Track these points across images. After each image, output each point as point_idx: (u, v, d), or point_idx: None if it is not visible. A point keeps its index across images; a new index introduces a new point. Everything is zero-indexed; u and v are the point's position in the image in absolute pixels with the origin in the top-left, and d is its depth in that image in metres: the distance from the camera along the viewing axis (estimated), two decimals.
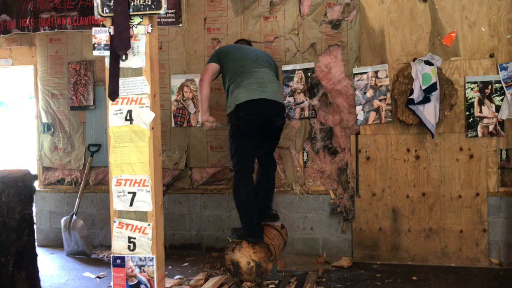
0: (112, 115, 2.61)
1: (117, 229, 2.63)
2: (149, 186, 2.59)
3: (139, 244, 2.62)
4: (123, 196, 2.63)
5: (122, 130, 2.59)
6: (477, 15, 4.62)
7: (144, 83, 2.55)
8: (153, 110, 2.58)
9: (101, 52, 2.53)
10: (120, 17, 2.43)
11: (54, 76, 5.64)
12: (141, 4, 2.48)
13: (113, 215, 2.64)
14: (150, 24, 2.54)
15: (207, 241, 5.34)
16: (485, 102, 4.62)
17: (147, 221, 2.62)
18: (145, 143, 2.58)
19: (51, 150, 5.70)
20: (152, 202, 2.61)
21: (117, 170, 2.61)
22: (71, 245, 5.28)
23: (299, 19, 5.00)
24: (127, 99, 2.58)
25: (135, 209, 2.62)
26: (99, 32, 2.52)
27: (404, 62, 4.76)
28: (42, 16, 5.56)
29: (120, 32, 2.44)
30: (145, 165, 2.59)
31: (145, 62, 2.54)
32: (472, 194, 4.65)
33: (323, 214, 5.03)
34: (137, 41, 2.53)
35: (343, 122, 4.95)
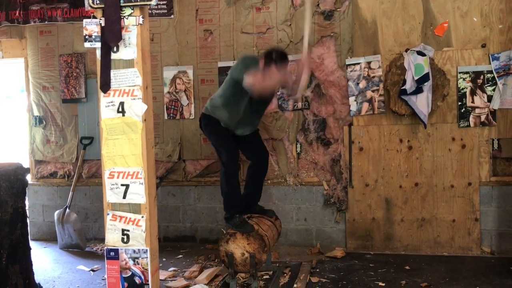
0: (104, 107, 2.59)
1: (111, 221, 2.63)
2: (142, 178, 2.59)
3: (133, 236, 2.62)
4: (116, 188, 2.62)
5: (114, 122, 2.58)
6: (469, 5, 4.63)
7: (136, 75, 2.53)
8: (145, 102, 2.57)
9: (92, 44, 2.51)
10: (111, 8, 2.40)
11: (45, 69, 5.60)
12: None
13: (107, 208, 2.64)
14: (141, 15, 2.52)
15: (201, 233, 5.34)
16: (477, 92, 4.64)
17: (141, 213, 2.62)
18: (138, 135, 2.57)
19: (43, 143, 5.66)
20: (146, 194, 2.61)
21: (110, 163, 2.60)
22: (65, 238, 5.27)
23: (292, 10, 4.98)
24: (119, 91, 2.56)
25: (128, 202, 2.62)
26: (90, 23, 2.50)
27: (396, 52, 4.76)
28: (32, 8, 5.50)
29: (111, 23, 2.42)
30: (138, 157, 2.58)
31: (136, 54, 2.53)
32: (464, 183, 4.68)
33: (317, 205, 5.05)
34: (128, 32, 2.51)
35: (336, 113, 4.96)
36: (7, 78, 7.15)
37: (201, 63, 5.22)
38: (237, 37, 5.12)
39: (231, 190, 3.99)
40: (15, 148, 7.51)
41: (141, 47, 2.55)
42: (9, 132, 8.17)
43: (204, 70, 5.21)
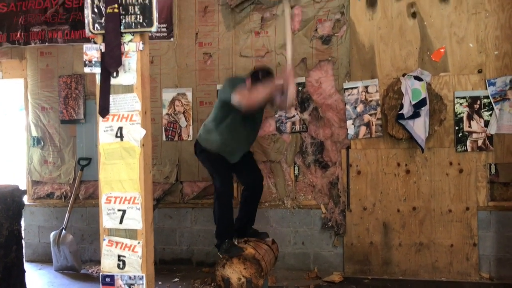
0: (102, 132, 2.60)
1: (107, 247, 2.61)
2: (139, 203, 2.58)
3: (129, 262, 2.60)
4: (113, 213, 2.61)
5: (112, 147, 2.58)
6: (465, 31, 4.69)
7: (135, 100, 2.55)
8: (144, 127, 2.58)
9: (92, 69, 2.52)
10: (112, 34, 2.43)
11: (44, 90, 5.62)
12: (132, 22, 2.48)
13: (103, 233, 2.62)
14: (141, 41, 2.54)
15: (198, 256, 5.30)
16: (474, 117, 4.66)
17: (137, 239, 2.60)
18: (136, 160, 2.57)
19: (40, 163, 5.65)
20: (142, 219, 2.59)
21: (107, 187, 2.59)
22: (60, 260, 5.22)
23: None
24: (118, 115, 2.57)
25: (125, 227, 2.61)
26: (90, 49, 2.52)
27: (394, 77, 4.80)
28: (33, 29, 5.55)
29: (111, 49, 2.44)
30: (136, 182, 2.57)
31: (136, 79, 2.54)
32: (462, 208, 4.68)
33: (314, 229, 5.02)
34: (128, 58, 2.53)
35: (334, 136, 4.97)
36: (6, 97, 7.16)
37: (200, 85, 5.25)
38: (236, 61, 5.16)
39: (224, 217, 4.01)
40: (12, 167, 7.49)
41: (141, 72, 2.56)
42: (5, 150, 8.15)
43: (203, 93, 5.24)
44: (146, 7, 2.49)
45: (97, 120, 2.65)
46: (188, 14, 5.26)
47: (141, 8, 2.48)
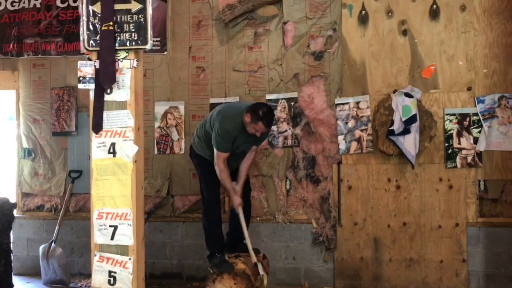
0: (95, 148, 2.61)
1: (98, 263, 2.60)
2: (131, 219, 2.58)
3: (120, 278, 2.59)
4: (104, 229, 2.61)
5: (105, 163, 2.59)
6: (455, 49, 4.76)
7: (128, 117, 2.56)
8: (137, 143, 2.59)
9: (86, 85, 2.54)
10: (106, 51, 2.45)
11: (36, 101, 5.61)
12: (127, 39, 2.51)
13: (94, 249, 2.61)
14: (135, 59, 2.57)
15: (188, 270, 5.28)
16: (463, 134, 4.72)
17: (128, 255, 2.60)
18: (128, 176, 2.58)
19: (31, 175, 5.62)
20: (134, 236, 2.60)
21: (99, 203, 2.59)
22: (49, 273, 5.17)
23: (283, 50, 5.08)
24: (111, 132, 2.58)
25: (116, 243, 2.61)
26: (84, 65, 2.54)
27: (385, 93, 4.85)
28: (26, 41, 5.55)
29: (105, 66, 2.46)
30: (127, 198, 2.58)
31: (129, 96, 2.56)
32: (452, 224, 4.71)
33: (306, 243, 5.03)
34: (122, 75, 2.55)
35: (326, 151, 5.00)
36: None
37: (192, 99, 5.27)
38: (229, 75, 5.20)
39: (211, 227, 4.07)
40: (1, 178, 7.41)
41: (135, 89, 2.58)
42: None
43: (196, 106, 5.26)
44: (141, 25, 2.51)
45: (90, 136, 2.66)
46: (182, 28, 5.29)
47: (136, 26, 2.51)
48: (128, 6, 2.51)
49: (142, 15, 2.52)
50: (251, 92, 5.12)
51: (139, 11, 2.51)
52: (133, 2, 2.50)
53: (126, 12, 2.51)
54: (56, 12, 5.49)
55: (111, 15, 2.47)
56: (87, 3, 2.50)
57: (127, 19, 2.51)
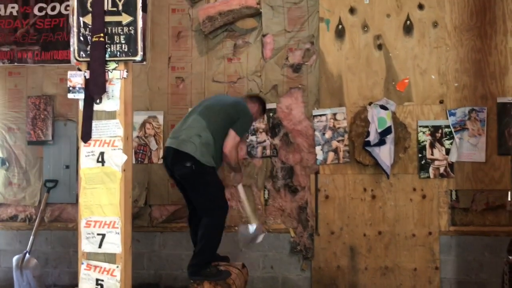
0: (84, 157, 2.62)
1: (85, 271, 2.60)
2: (119, 228, 2.60)
3: (107, 286, 2.60)
4: (92, 237, 2.61)
5: (93, 171, 2.60)
6: (428, 64, 4.95)
7: (117, 126, 2.59)
8: (126, 152, 2.62)
9: (75, 95, 2.56)
10: (97, 62, 2.48)
11: (12, 110, 5.52)
12: (117, 51, 2.55)
13: (81, 257, 2.62)
14: (125, 69, 2.60)
15: (166, 280, 5.26)
16: (436, 145, 4.89)
17: (116, 263, 2.62)
18: (117, 185, 2.60)
19: (5, 185, 5.51)
20: (122, 244, 2.61)
21: (87, 212, 2.60)
22: (23, 285, 5.07)
23: (262, 61, 5.17)
24: (100, 141, 2.60)
25: (104, 251, 2.62)
26: (74, 75, 2.56)
27: (361, 105, 4.99)
28: (2, 49, 5.48)
29: (96, 76, 2.49)
30: (116, 206, 2.60)
31: (119, 106, 2.60)
32: (425, 233, 4.86)
33: (283, 253, 5.09)
34: (112, 85, 2.58)
35: (303, 161, 5.10)
36: None
37: (172, 109, 5.30)
38: (208, 85, 5.25)
39: (218, 237, 3.98)
40: None
41: (124, 99, 2.62)
42: None
43: (175, 116, 5.27)
44: (131, 37, 2.56)
45: (78, 145, 2.67)
46: (161, 39, 5.33)
47: (126, 38, 2.55)
48: (119, 18, 2.55)
49: (133, 27, 2.56)
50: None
51: (130, 24, 2.56)
52: (124, 15, 2.54)
53: (116, 24, 2.55)
54: (34, 21, 5.44)
55: (102, 26, 2.50)
56: (78, 15, 2.53)
57: (118, 31, 2.55)
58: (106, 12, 2.54)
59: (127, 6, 2.55)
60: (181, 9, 5.32)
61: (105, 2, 2.51)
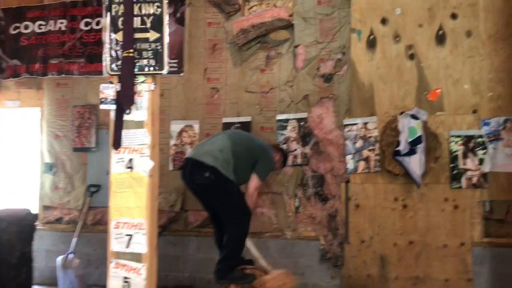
0: (114, 163, 2.83)
1: (114, 269, 2.80)
2: (145, 229, 2.78)
3: (134, 283, 2.79)
4: (121, 238, 2.81)
5: (122, 176, 2.81)
6: (461, 73, 4.91)
7: (145, 135, 2.78)
8: (153, 159, 2.81)
9: (107, 106, 2.77)
10: (127, 75, 2.69)
11: (59, 119, 5.89)
12: (145, 65, 2.75)
13: (110, 256, 2.81)
14: (153, 83, 2.80)
15: (200, 283, 5.42)
16: (469, 155, 4.84)
17: (142, 262, 2.80)
18: (144, 189, 2.79)
19: (51, 189, 5.87)
20: (147, 244, 2.79)
21: (116, 214, 2.80)
22: (66, 284, 5.37)
23: (294, 72, 5.29)
24: (129, 149, 2.81)
25: (131, 251, 2.80)
26: (106, 88, 2.78)
27: (392, 115, 5.00)
28: (51, 62, 5.80)
29: (125, 89, 2.69)
30: (143, 209, 2.79)
31: (147, 116, 2.79)
32: (457, 243, 4.80)
33: (313, 260, 5.15)
34: (140, 97, 2.79)
35: (334, 170, 5.16)
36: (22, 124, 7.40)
37: (206, 118, 5.50)
38: (241, 96, 5.42)
39: (243, 241, 4.18)
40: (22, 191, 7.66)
41: (152, 110, 2.81)
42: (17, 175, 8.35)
43: (209, 125, 5.48)
44: (158, 53, 2.76)
45: (109, 152, 2.88)
46: (198, 51, 5.55)
47: (153, 53, 2.75)
48: (146, 35, 2.76)
49: (159, 43, 2.76)
50: (262, 112, 5.34)
51: (157, 40, 2.76)
52: (152, 32, 2.75)
53: (144, 40, 2.76)
54: (80, 35, 5.76)
55: (131, 43, 2.72)
56: (109, 32, 2.75)
57: (146, 47, 2.76)
58: (135, 30, 2.75)
59: (155, 23, 2.75)
60: (216, 23, 5.53)
61: (134, 20, 2.72)
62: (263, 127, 5.32)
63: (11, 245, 3.75)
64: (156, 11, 2.75)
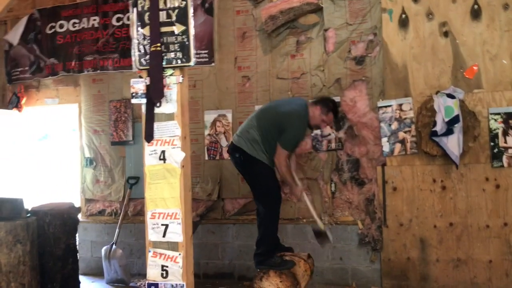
0: (147, 155, 2.90)
1: (152, 258, 2.89)
2: (180, 218, 2.85)
3: (171, 272, 2.87)
4: (157, 228, 2.89)
5: (156, 168, 2.88)
6: (498, 48, 4.74)
7: (176, 127, 2.84)
8: (184, 150, 2.86)
9: (138, 100, 2.84)
10: (155, 69, 2.73)
11: (96, 114, 6.06)
12: (173, 58, 2.78)
13: (148, 245, 2.90)
14: (181, 75, 2.84)
15: (239, 270, 5.51)
16: (509, 133, 4.69)
17: (178, 251, 2.87)
18: (177, 180, 2.85)
19: (93, 183, 6.07)
20: (183, 233, 2.86)
21: (152, 204, 2.88)
22: (111, 273, 5.56)
23: (324, 56, 5.24)
24: (161, 141, 2.87)
25: (167, 240, 2.88)
26: (137, 82, 2.84)
27: (427, 95, 4.90)
28: (86, 58, 5.98)
29: (155, 82, 2.74)
30: (177, 199, 2.85)
31: (176, 108, 2.84)
32: (500, 224, 4.68)
33: (352, 244, 5.14)
34: (169, 90, 2.84)
35: (369, 153, 5.10)
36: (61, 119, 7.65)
37: (239, 107, 5.53)
38: (273, 82, 5.42)
39: (274, 226, 4.19)
40: (64, 185, 7.95)
41: (181, 102, 2.86)
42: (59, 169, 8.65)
43: (242, 114, 5.50)
44: (184, 45, 2.78)
45: (143, 145, 2.95)
46: (228, 40, 5.57)
47: (180, 46, 2.78)
48: (172, 28, 2.79)
49: (185, 36, 2.79)
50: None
51: (183, 32, 2.79)
52: (177, 25, 2.78)
53: (171, 34, 2.79)
54: (112, 30, 5.89)
55: (158, 37, 2.76)
56: (137, 27, 2.80)
57: (173, 40, 2.79)
58: (162, 23, 2.79)
59: (180, 16, 2.78)
60: (245, 10, 5.53)
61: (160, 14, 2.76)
62: None
63: (56, 238, 3.91)
64: (181, 4, 2.78)
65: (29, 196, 5.69)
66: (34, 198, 5.48)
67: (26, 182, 6.74)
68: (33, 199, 5.12)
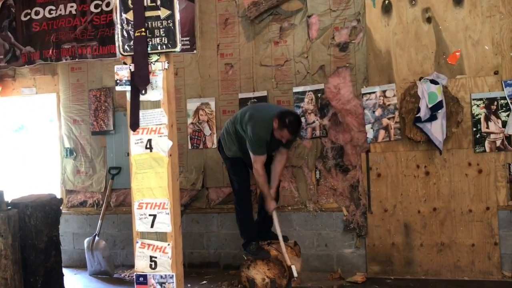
0: (133, 144, 2.83)
1: (140, 249, 2.83)
2: (168, 208, 2.79)
3: (160, 262, 2.82)
4: (145, 218, 2.83)
5: (142, 157, 2.81)
6: (480, 34, 4.77)
7: (162, 114, 2.77)
8: (171, 138, 2.80)
9: (123, 88, 2.76)
10: (140, 55, 2.65)
11: (75, 103, 5.92)
12: (158, 43, 2.71)
13: (136, 236, 2.84)
14: (166, 61, 2.76)
15: (225, 259, 5.49)
16: (491, 118, 4.74)
17: (167, 241, 2.82)
18: (164, 169, 2.79)
19: (73, 173, 5.95)
20: (171, 223, 2.81)
21: (139, 195, 2.82)
22: (94, 265, 5.48)
23: (308, 43, 5.20)
24: (147, 129, 2.80)
25: (155, 230, 2.83)
26: (121, 69, 2.75)
27: (411, 81, 4.91)
28: (64, 46, 5.83)
29: (140, 69, 2.67)
30: (164, 189, 2.79)
31: (162, 95, 2.77)
32: (482, 208, 4.75)
33: (337, 231, 5.16)
34: (155, 76, 2.76)
35: (354, 140, 5.11)
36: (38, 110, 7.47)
37: (222, 95, 5.46)
38: (256, 70, 5.36)
39: (245, 216, 4.36)
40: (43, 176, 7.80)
41: (167, 89, 2.79)
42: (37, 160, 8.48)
43: (226, 102, 5.45)
44: (170, 30, 2.71)
45: (128, 134, 2.87)
46: (210, 27, 5.48)
47: (165, 31, 2.71)
48: (157, 13, 2.71)
49: (171, 20, 2.71)
50: (278, 85, 5.27)
51: (168, 17, 2.71)
52: (162, 9, 2.70)
53: (156, 18, 2.71)
54: (91, 18, 5.75)
55: (142, 22, 2.68)
56: (120, 12, 2.71)
57: (157, 25, 2.71)
58: (146, 8, 2.71)
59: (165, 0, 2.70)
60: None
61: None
62: (280, 100, 5.27)
63: (38, 230, 3.81)
64: None
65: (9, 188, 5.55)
66: (14, 190, 5.34)
67: (5, 174, 6.58)
68: (12, 191, 4.98)
